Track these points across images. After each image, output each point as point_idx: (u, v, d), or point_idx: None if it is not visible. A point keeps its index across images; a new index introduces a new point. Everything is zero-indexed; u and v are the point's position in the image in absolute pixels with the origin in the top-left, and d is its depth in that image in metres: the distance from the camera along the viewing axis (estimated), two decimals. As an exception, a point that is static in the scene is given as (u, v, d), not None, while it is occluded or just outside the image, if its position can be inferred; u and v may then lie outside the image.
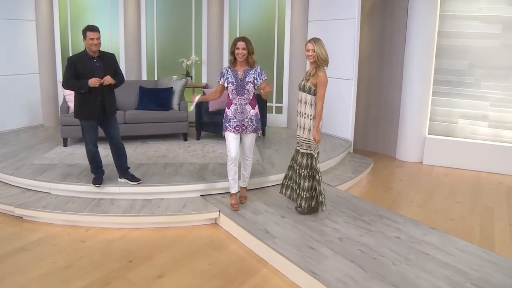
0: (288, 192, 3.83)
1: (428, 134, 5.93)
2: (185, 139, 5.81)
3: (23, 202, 3.94)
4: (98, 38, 3.77)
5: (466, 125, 5.81)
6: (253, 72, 3.66)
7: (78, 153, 5.06)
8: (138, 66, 6.94)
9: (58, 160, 4.79)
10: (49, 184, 4.15)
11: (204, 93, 3.80)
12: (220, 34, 6.95)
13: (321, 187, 3.57)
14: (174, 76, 6.70)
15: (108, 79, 3.82)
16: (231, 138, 3.70)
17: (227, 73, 3.69)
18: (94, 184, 4.02)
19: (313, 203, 3.69)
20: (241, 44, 3.57)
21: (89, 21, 6.21)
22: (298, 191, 3.68)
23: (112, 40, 6.89)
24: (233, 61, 3.66)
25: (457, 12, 5.67)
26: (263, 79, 3.68)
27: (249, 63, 3.66)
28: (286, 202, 3.96)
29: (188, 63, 6.89)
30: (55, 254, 3.28)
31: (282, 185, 3.88)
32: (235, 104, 3.68)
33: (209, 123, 5.75)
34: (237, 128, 3.69)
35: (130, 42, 6.82)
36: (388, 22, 6.16)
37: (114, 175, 4.25)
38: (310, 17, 6.51)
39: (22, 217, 3.89)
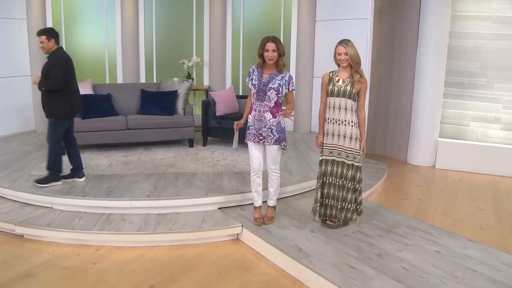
0: (328, 211, 3.48)
1: (439, 137, 5.79)
2: (191, 145, 5.49)
3: (24, 219, 3.58)
4: (42, 42, 3.82)
5: (478, 127, 5.69)
6: (279, 79, 3.31)
7: (78, 162, 4.69)
8: (136, 68, 6.59)
9: (58, 171, 4.41)
10: (52, 198, 3.80)
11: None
12: (223, 34, 6.65)
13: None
14: (175, 78, 6.38)
15: (34, 80, 3.95)
16: (252, 147, 3.43)
17: (253, 73, 3.37)
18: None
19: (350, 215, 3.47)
20: (271, 46, 3.20)
21: (84, 20, 5.85)
22: (343, 204, 3.42)
23: (108, 40, 6.52)
24: (262, 64, 3.33)
25: (469, 12, 5.54)
26: (290, 89, 3.33)
27: (279, 66, 3.29)
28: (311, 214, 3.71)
29: (190, 65, 6.57)
30: (65, 279, 2.95)
31: (319, 206, 3.47)
32: (255, 110, 3.37)
33: (217, 128, 5.45)
34: (254, 138, 3.40)
35: (128, 42, 6.46)
36: (398, 22, 5.99)
37: (122, 188, 3.95)
38: (318, 17, 6.28)
39: (23, 236, 3.53)
